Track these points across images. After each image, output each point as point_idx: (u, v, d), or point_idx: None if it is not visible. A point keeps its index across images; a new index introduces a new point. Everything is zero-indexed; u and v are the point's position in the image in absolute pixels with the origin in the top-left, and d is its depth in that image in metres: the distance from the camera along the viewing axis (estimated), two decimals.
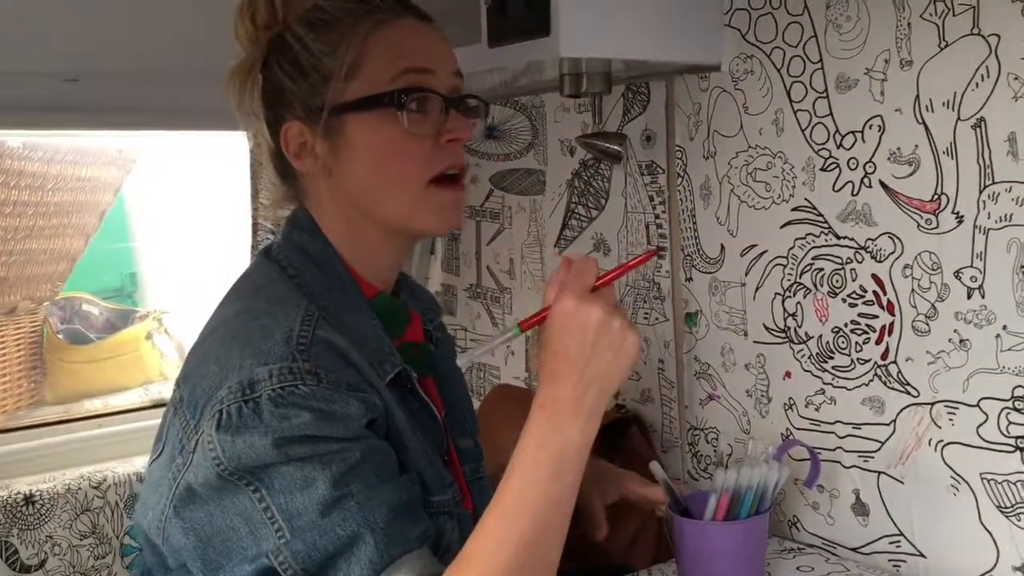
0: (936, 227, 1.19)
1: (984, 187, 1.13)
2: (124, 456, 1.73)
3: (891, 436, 1.26)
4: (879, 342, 1.27)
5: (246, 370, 0.87)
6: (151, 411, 1.92)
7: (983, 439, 1.16)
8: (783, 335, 1.39)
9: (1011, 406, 1.13)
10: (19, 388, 2.44)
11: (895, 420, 1.26)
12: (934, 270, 1.19)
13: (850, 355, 1.30)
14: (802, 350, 1.37)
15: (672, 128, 1.52)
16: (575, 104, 1.71)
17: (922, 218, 1.20)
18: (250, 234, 1.83)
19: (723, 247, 1.47)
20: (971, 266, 1.15)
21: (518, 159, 1.87)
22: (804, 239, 1.35)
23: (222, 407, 0.86)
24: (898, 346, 1.24)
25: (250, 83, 1.02)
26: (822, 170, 1.31)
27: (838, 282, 1.31)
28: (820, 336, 1.34)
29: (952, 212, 1.17)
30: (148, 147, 2.53)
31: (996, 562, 1.16)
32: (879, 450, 1.28)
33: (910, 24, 1.18)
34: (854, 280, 1.29)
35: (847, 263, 1.29)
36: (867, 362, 1.28)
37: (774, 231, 1.38)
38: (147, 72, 1.54)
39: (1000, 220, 1.12)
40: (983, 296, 1.15)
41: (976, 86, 1.12)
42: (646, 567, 1.33)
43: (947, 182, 1.17)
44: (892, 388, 1.26)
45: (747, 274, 1.44)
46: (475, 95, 1.05)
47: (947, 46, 1.15)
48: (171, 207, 2.96)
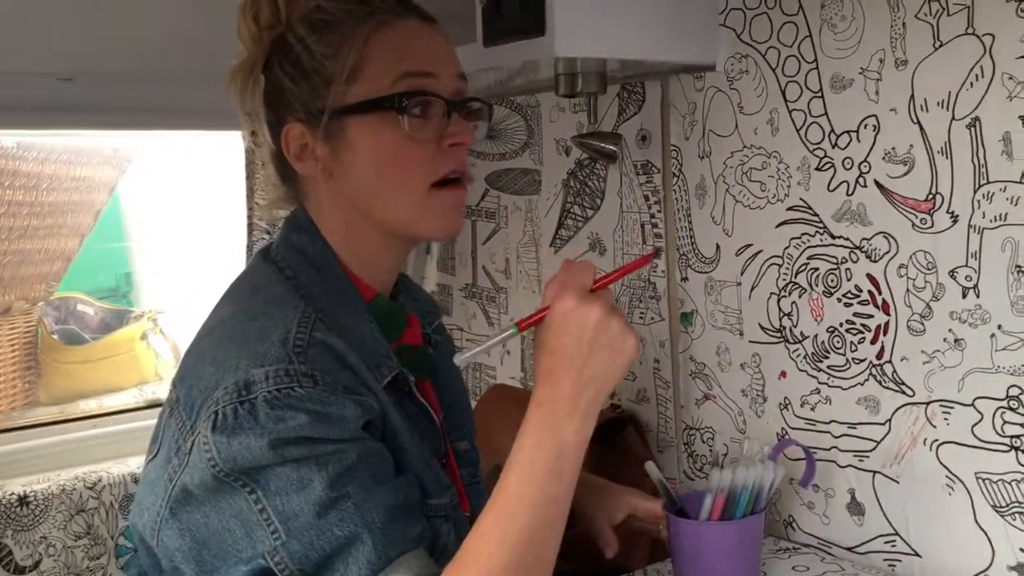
0: (931, 227, 1.19)
1: (979, 187, 1.13)
2: (119, 457, 1.73)
3: (886, 436, 1.26)
4: (874, 342, 1.27)
5: (242, 371, 0.87)
6: (146, 411, 1.91)
7: (978, 438, 1.16)
8: (778, 335, 1.39)
9: (1006, 405, 1.13)
10: (13, 388, 2.43)
11: (890, 420, 1.26)
12: (929, 270, 1.20)
13: (845, 355, 1.30)
14: (797, 350, 1.37)
15: (667, 128, 1.52)
16: (570, 104, 1.71)
17: (917, 218, 1.20)
18: (246, 234, 1.83)
19: (718, 247, 1.47)
20: (966, 265, 1.15)
21: (514, 159, 1.87)
22: (799, 239, 1.35)
23: (218, 408, 0.86)
24: (893, 346, 1.25)
25: (251, 83, 1.01)
26: (817, 170, 1.31)
27: (833, 282, 1.31)
28: (815, 336, 1.34)
29: (947, 212, 1.17)
30: (143, 147, 2.52)
31: (991, 561, 1.16)
32: (874, 450, 1.28)
33: (905, 24, 1.18)
34: (849, 280, 1.29)
35: (842, 263, 1.30)
36: (862, 362, 1.28)
37: (769, 231, 1.39)
38: (142, 72, 1.54)
39: (995, 219, 1.12)
40: (978, 295, 1.15)
41: (971, 86, 1.13)
42: (642, 567, 1.33)
43: (942, 182, 1.17)
44: (887, 388, 1.26)
45: (742, 274, 1.44)
46: (478, 98, 1.04)
47: (942, 46, 1.15)
48: (166, 207, 2.95)
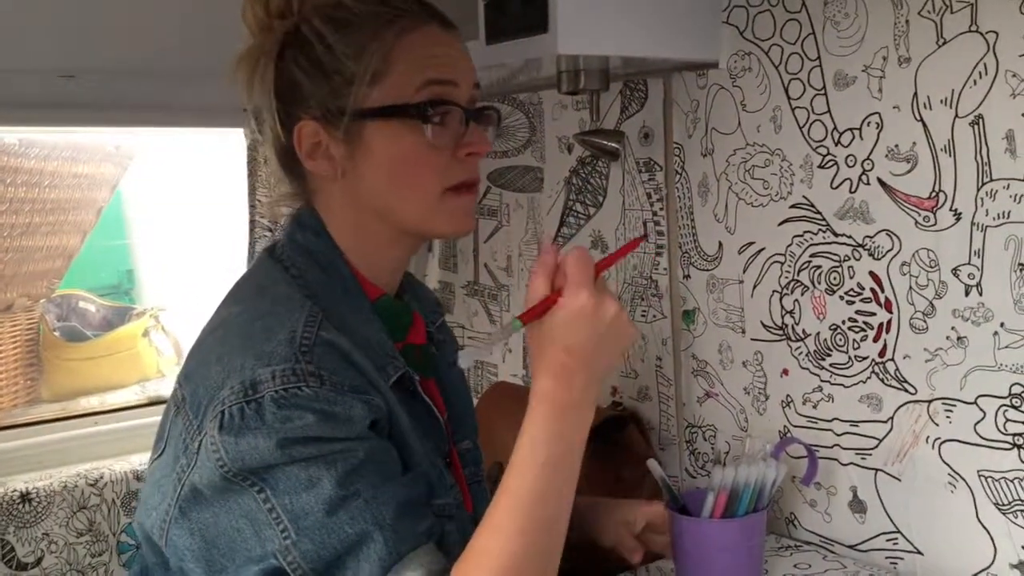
0: (934, 224, 1.19)
1: (982, 184, 1.13)
2: (121, 454, 1.73)
3: (888, 433, 1.26)
4: (877, 339, 1.27)
5: (248, 371, 0.86)
6: (148, 408, 1.91)
7: (981, 436, 1.16)
8: (781, 332, 1.39)
9: (1009, 403, 1.13)
10: (15, 385, 2.43)
11: (892, 417, 1.26)
12: (932, 267, 1.19)
13: (848, 352, 1.30)
14: (800, 347, 1.36)
15: (670, 125, 1.52)
16: (573, 101, 1.71)
17: (920, 215, 1.20)
18: (247, 232, 1.82)
19: (721, 244, 1.47)
20: (969, 263, 1.15)
21: (516, 156, 1.87)
22: (802, 236, 1.34)
23: (224, 408, 0.86)
24: (896, 343, 1.24)
25: (259, 73, 0.99)
26: (820, 167, 1.31)
27: (836, 279, 1.31)
28: (818, 333, 1.34)
29: (950, 209, 1.17)
30: (145, 144, 2.52)
31: (993, 559, 1.16)
32: (876, 447, 1.28)
33: (908, 21, 1.18)
34: (852, 277, 1.29)
35: (845, 260, 1.29)
36: (865, 359, 1.28)
37: (772, 228, 1.38)
38: (144, 69, 1.54)
39: (998, 217, 1.12)
40: (981, 293, 1.15)
41: (974, 83, 1.12)
42: (644, 564, 1.33)
43: (945, 179, 1.17)
44: (890, 385, 1.26)
45: (745, 271, 1.44)
46: (492, 105, 1.04)
47: (945, 43, 1.15)
48: (168, 204, 2.95)
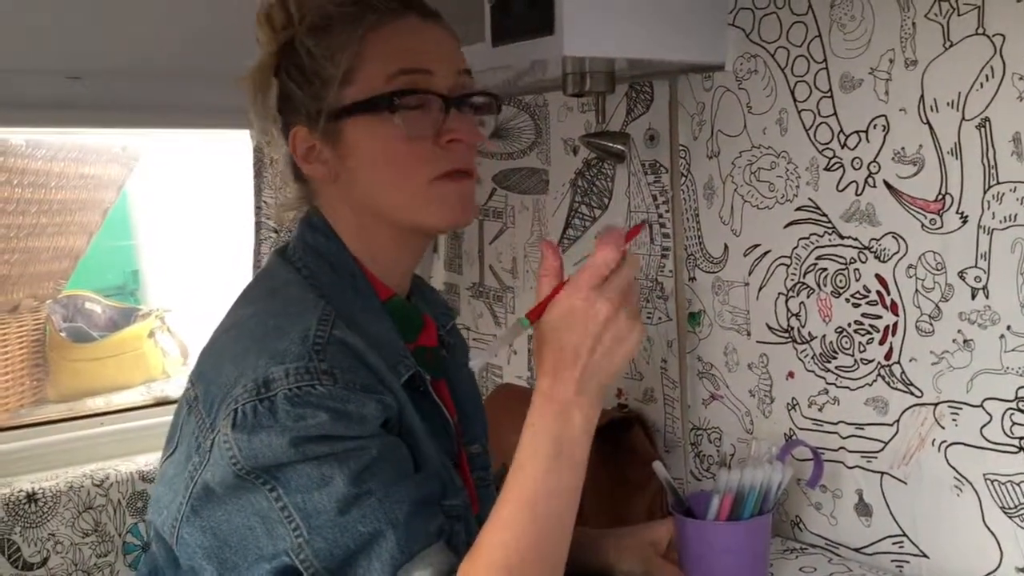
0: (940, 227, 1.18)
1: (989, 187, 1.13)
2: (126, 454, 1.73)
3: (894, 436, 1.26)
4: (883, 342, 1.26)
5: (261, 369, 0.87)
6: (154, 409, 1.92)
7: (987, 440, 1.16)
8: (786, 335, 1.39)
9: (1015, 407, 1.13)
10: (22, 386, 2.44)
11: (898, 420, 1.26)
12: (938, 270, 1.19)
13: (853, 355, 1.30)
14: (805, 350, 1.36)
15: (676, 127, 1.52)
16: (578, 103, 1.71)
17: (926, 218, 1.20)
18: (253, 233, 1.83)
19: (726, 247, 1.47)
20: (975, 266, 1.15)
21: (521, 158, 1.87)
22: (808, 239, 1.34)
23: (237, 406, 0.86)
24: (902, 346, 1.24)
25: (263, 88, 1.02)
26: (826, 170, 1.31)
27: (842, 282, 1.31)
28: (823, 336, 1.34)
29: (956, 212, 1.16)
30: (151, 145, 2.53)
31: (999, 563, 1.16)
32: (882, 450, 1.28)
33: (915, 24, 1.18)
34: (858, 280, 1.29)
35: (851, 263, 1.29)
36: (870, 362, 1.28)
37: (778, 231, 1.38)
38: (151, 70, 1.54)
39: (1005, 220, 1.12)
40: (987, 296, 1.14)
41: (981, 86, 1.12)
42: None
43: (951, 182, 1.17)
44: (895, 388, 1.25)
45: (750, 274, 1.43)
46: (485, 91, 1.03)
47: (952, 46, 1.15)
48: (174, 205, 2.96)
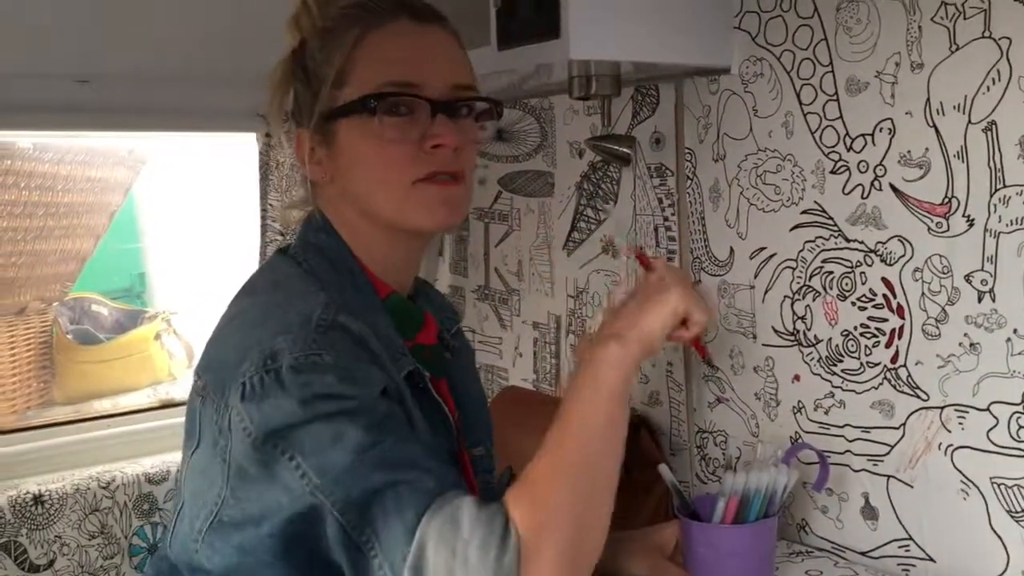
0: (947, 230, 1.18)
1: (995, 191, 1.13)
2: (133, 456, 1.74)
3: (901, 440, 1.26)
4: (889, 345, 1.26)
5: (267, 342, 0.88)
6: (160, 412, 1.92)
7: (993, 443, 1.16)
8: (792, 338, 1.39)
9: (1022, 410, 1.12)
10: (28, 388, 2.45)
11: (905, 424, 1.25)
12: (944, 273, 1.19)
13: (859, 358, 1.30)
14: (811, 353, 1.36)
15: (681, 131, 1.52)
16: (584, 106, 1.71)
17: (932, 221, 1.20)
18: (259, 235, 1.83)
19: (732, 250, 1.47)
20: (982, 270, 1.15)
21: (527, 161, 1.87)
22: (814, 242, 1.34)
23: (244, 379, 0.87)
24: (908, 349, 1.24)
25: (281, 90, 1.05)
26: (832, 173, 1.31)
27: (848, 285, 1.31)
28: (829, 339, 1.34)
29: (963, 215, 1.16)
30: (158, 148, 2.54)
31: (1006, 567, 1.16)
32: (888, 454, 1.28)
33: (921, 27, 1.18)
34: (864, 283, 1.29)
35: (857, 266, 1.29)
36: (877, 365, 1.28)
37: (783, 234, 1.38)
38: (157, 74, 1.55)
39: (1011, 224, 1.12)
40: (994, 300, 1.14)
41: (987, 90, 1.12)
42: None
43: (958, 185, 1.17)
44: (902, 392, 1.25)
45: (756, 277, 1.43)
46: (477, 96, 1.03)
47: (958, 49, 1.14)
48: (180, 208, 2.97)
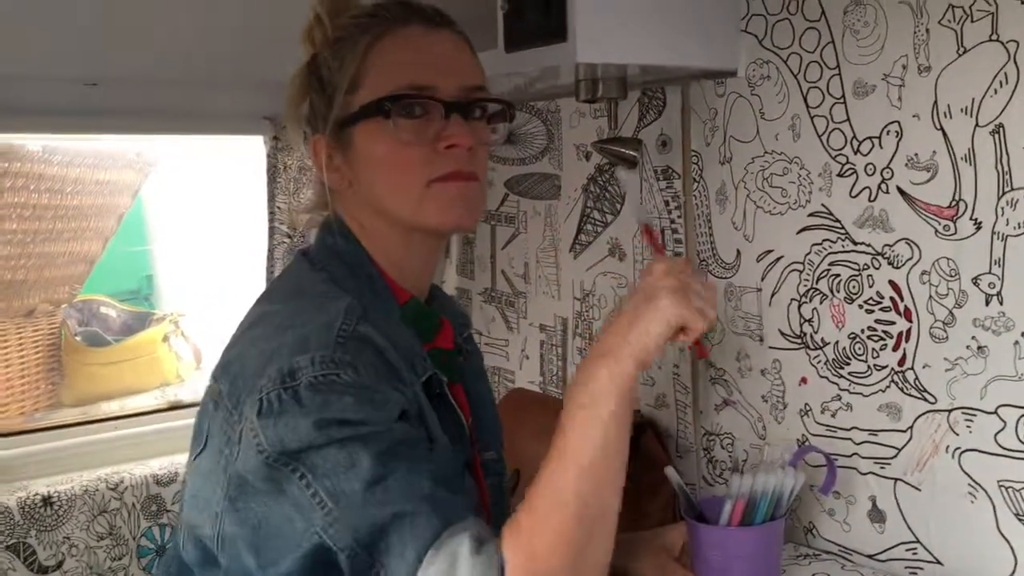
0: (954, 233, 1.18)
1: (1002, 193, 1.13)
2: (141, 458, 1.74)
3: (908, 443, 1.26)
4: (896, 348, 1.26)
5: (286, 358, 0.88)
6: (168, 413, 1.93)
7: (1001, 446, 1.15)
8: (799, 341, 1.39)
9: None
10: (37, 390, 2.46)
11: (912, 427, 1.25)
12: (952, 276, 1.19)
13: (867, 361, 1.30)
14: (818, 356, 1.36)
15: (688, 133, 1.52)
16: (591, 109, 1.71)
17: (940, 224, 1.20)
18: (266, 237, 1.84)
19: (739, 252, 1.47)
20: (989, 272, 1.15)
21: (533, 163, 1.87)
22: (821, 245, 1.34)
23: (262, 395, 0.88)
24: (915, 352, 1.24)
25: (297, 100, 1.07)
26: (839, 176, 1.31)
27: (855, 288, 1.31)
28: (836, 342, 1.34)
29: (970, 218, 1.16)
30: (166, 151, 2.55)
31: (1014, 570, 1.15)
32: (896, 457, 1.27)
33: (928, 30, 1.18)
34: (871, 286, 1.28)
35: (864, 269, 1.29)
36: (884, 368, 1.28)
37: (790, 236, 1.38)
38: (166, 77, 1.55)
39: (1019, 227, 1.11)
40: (1001, 303, 1.14)
41: (995, 92, 1.12)
42: None
43: (965, 188, 1.16)
44: (909, 395, 1.25)
45: (763, 279, 1.43)
46: (490, 98, 1.04)
47: (965, 52, 1.14)
48: (188, 211, 2.98)
